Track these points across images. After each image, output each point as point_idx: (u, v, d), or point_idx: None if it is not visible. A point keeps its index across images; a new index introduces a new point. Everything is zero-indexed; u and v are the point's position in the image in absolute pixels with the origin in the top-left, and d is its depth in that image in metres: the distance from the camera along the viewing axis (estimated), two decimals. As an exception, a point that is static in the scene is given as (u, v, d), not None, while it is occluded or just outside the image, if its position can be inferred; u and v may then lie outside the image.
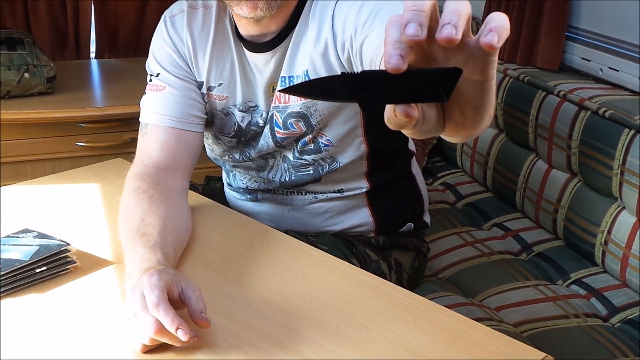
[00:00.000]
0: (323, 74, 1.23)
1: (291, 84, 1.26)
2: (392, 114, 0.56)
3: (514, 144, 1.96)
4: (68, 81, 2.29)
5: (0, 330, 0.95)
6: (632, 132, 1.54)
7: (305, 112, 1.27)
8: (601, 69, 1.93)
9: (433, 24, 0.54)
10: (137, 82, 1.57)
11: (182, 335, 0.86)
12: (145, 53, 1.39)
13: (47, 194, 1.36)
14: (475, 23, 2.40)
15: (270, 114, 1.31)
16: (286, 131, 1.30)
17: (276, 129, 1.31)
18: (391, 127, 0.57)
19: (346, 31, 1.18)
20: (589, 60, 1.97)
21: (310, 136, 1.30)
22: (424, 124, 0.60)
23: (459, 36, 0.52)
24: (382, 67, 0.55)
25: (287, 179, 1.38)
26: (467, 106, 0.61)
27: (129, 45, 2.70)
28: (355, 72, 0.57)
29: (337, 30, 1.20)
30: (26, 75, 2.09)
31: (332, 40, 1.21)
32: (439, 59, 0.59)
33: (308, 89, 0.60)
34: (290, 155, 1.36)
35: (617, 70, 1.88)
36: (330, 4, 1.22)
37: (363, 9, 1.15)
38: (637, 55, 1.83)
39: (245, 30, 1.28)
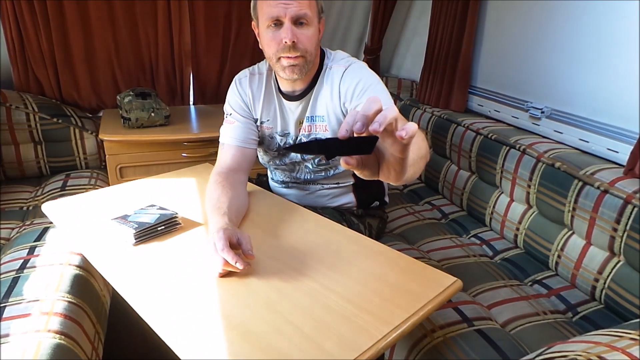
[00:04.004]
0: (333, 119, 1.23)
1: (313, 120, 1.26)
2: (342, 162, 0.62)
3: (484, 182, 1.66)
4: (177, 118, 2.25)
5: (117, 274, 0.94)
6: (581, 183, 1.30)
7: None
8: (489, 111, 1.90)
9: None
10: (218, 118, 1.54)
11: (240, 265, 0.88)
12: (223, 100, 1.38)
13: (164, 184, 1.36)
14: (415, 84, 2.34)
15: (299, 138, 1.30)
16: None
17: None
18: (345, 168, 0.60)
19: (347, 95, 1.18)
20: (482, 106, 1.95)
21: (322, 155, 1.29)
22: (366, 171, 0.65)
23: (381, 129, 0.56)
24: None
25: (308, 177, 1.37)
26: (391, 168, 0.65)
27: (213, 95, 2.69)
28: (324, 138, 0.57)
29: (342, 94, 1.20)
30: (152, 114, 2.06)
31: (339, 99, 1.21)
32: (383, 138, 0.63)
33: (299, 148, 0.63)
34: (310, 165, 1.34)
35: (499, 112, 1.85)
36: (337, 77, 1.21)
37: (358, 86, 1.16)
38: (510, 102, 1.81)
39: (284, 87, 1.27)
